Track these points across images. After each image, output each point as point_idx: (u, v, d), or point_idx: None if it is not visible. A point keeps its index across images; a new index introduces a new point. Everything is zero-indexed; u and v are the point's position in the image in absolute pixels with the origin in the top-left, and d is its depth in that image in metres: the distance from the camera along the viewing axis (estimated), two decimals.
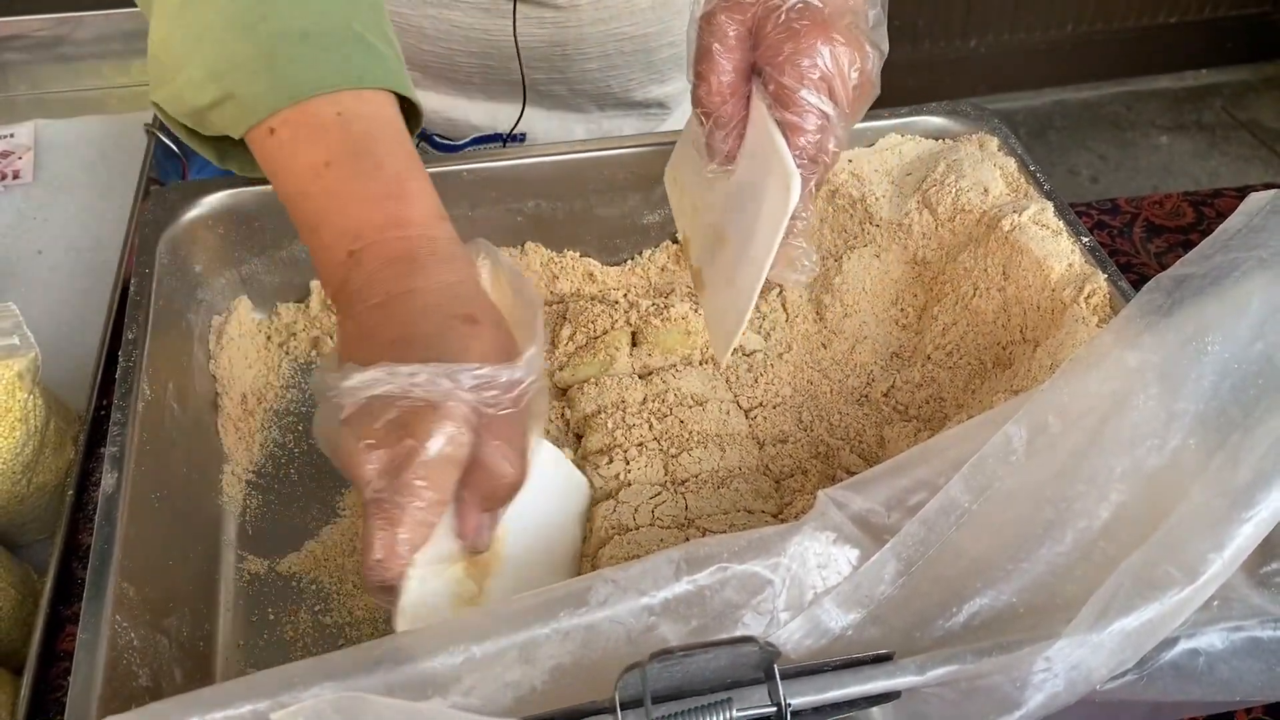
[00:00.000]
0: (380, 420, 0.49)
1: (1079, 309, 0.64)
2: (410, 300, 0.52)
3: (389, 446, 0.49)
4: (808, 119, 0.56)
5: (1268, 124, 2.67)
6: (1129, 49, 2.72)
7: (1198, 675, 0.49)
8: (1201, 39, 2.75)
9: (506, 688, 0.45)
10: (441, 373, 0.49)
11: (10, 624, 0.61)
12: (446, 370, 0.49)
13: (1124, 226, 0.88)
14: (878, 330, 0.74)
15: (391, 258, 0.53)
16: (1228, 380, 0.54)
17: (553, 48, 0.82)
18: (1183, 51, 2.76)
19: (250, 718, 0.41)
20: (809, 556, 0.51)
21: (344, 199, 0.54)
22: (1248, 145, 2.62)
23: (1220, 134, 2.65)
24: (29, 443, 0.62)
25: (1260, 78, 2.79)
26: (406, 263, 0.53)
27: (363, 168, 0.55)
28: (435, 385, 0.49)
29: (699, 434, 0.67)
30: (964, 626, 0.50)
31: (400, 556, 0.49)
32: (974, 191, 0.72)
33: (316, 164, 0.54)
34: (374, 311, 0.52)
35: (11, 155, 0.99)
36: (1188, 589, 0.47)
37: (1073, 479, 0.52)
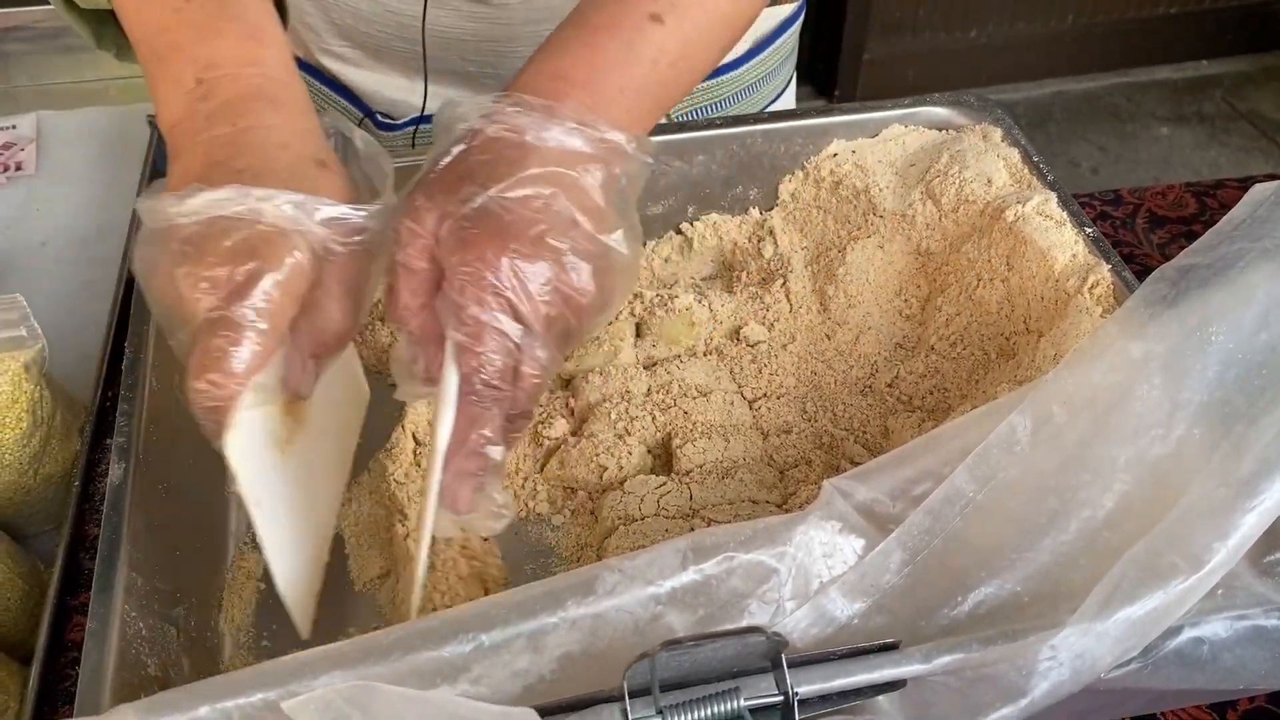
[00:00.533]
0: (226, 241, 0.47)
1: (1083, 299, 0.64)
2: (264, 134, 0.51)
3: (234, 266, 0.47)
4: (482, 339, 0.49)
5: (1268, 114, 2.67)
6: (1129, 40, 2.72)
7: (1202, 664, 0.49)
8: (1202, 30, 2.75)
9: (515, 676, 0.46)
10: (296, 201, 0.48)
11: (18, 614, 0.61)
12: (301, 200, 0.48)
13: (1127, 217, 0.88)
14: (882, 321, 0.74)
15: (246, 93, 0.52)
16: (1232, 370, 0.54)
17: (485, 42, 0.81)
18: (1183, 42, 2.76)
19: (261, 706, 0.42)
20: (815, 546, 0.52)
21: (202, 31, 0.53)
22: (1248, 136, 2.62)
23: (1220, 125, 2.65)
24: (35, 434, 0.62)
25: (1260, 68, 2.79)
26: (262, 100, 0.52)
27: (225, 10, 0.53)
28: (287, 212, 0.48)
29: (703, 425, 0.67)
30: (969, 615, 0.51)
31: (238, 376, 0.47)
32: (978, 182, 0.72)
33: (177, 1, 0.53)
34: (222, 141, 0.51)
35: (14, 147, 0.99)
36: (1192, 578, 0.47)
37: (1077, 469, 0.53)
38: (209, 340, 0.47)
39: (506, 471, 0.67)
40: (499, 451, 0.52)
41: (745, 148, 0.77)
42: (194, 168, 0.50)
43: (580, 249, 0.51)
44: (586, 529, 0.65)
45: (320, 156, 0.52)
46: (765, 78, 0.92)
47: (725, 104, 0.90)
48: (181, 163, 0.51)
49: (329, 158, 0.53)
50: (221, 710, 0.41)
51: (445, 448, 0.51)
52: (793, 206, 0.79)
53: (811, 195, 0.78)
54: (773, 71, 0.93)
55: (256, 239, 0.48)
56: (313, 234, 0.49)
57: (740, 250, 0.79)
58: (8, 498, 0.63)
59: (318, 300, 0.50)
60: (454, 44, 0.81)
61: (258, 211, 0.48)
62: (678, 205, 0.79)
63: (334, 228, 0.50)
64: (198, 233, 0.48)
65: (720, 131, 0.77)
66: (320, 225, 0.49)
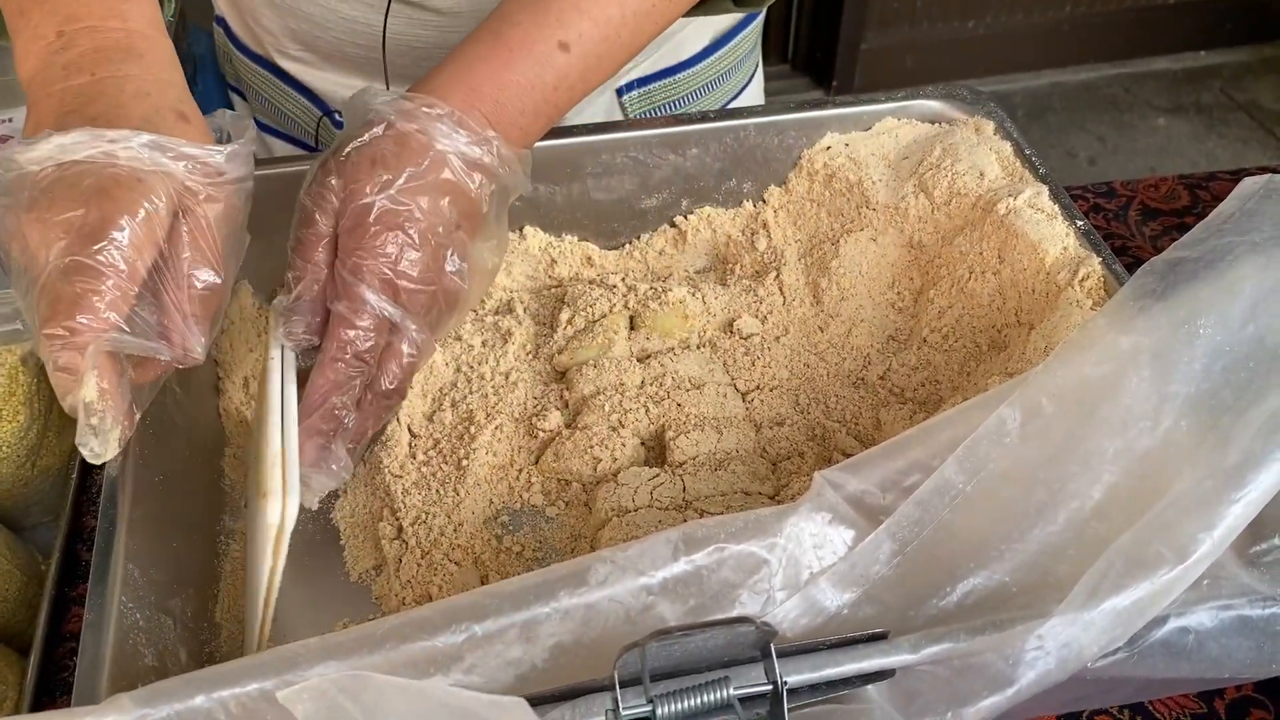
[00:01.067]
0: (78, 186, 0.46)
1: (1073, 292, 0.65)
2: (123, 84, 0.51)
3: (86, 210, 0.46)
4: (361, 314, 0.55)
5: (1266, 105, 2.67)
6: (1127, 30, 2.72)
7: (1188, 653, 0.50)
8: (1200, 20, 2.74)
9: (508, 665, 0.46)
10: (151, 142, 0.48)
11: (16, 605, 0.62)
12: (156, 140, 0.48)
13: (1119, 210, 0.88)
14: (874, 313, 0.74)
15: (107, 45, 0.51)
16: (1219, 363, 0.54)
17: (439, 49, 0.81)
18: (1181, 33, 2.76)
19: (256, 696, 0.42)
20: (805, 537, 0.52)
21: None
22: (1246, 127, 2.62)
23: (1218, 115, 2.65)
24: (33, 426, 0.63)
25: (1259, 59, 2.79)
26: (123, 51, 0.51)
27: None
28: (143, 154, 0.48)
29: (696, 417, 0.67)
30: (958, 606, 0.51)
31: (96, 328, 0.46)
32: (970, 175, 0.72)
33: None
34: (79, 89, 0.50)
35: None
36: (1178, 568, 0.47)
37: (1065, 460, 0.53)
38: (62, 286, 0.45)
39: (501, 463, 0.67)
40: (352, 419, 0.57)
41: (739, 141, 0.77)
42: (47, 117, 0.50)
43: (460, 250, 0.57)
44: (580, 520, 0.65)
45: (181, 109, 0.52)
46: (726, 74, 0.92)
47: (682, 102, 0.90)
48: (35, 113, 0.51)
49: (191, 111, 0.52)
50: (218, 699, 0.42)
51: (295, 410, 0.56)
52: (786, 199, 0.79)
53: (805, 188, 0.78)
54: (733, 68, 0.93)
55: (109, 181, 0.47)
56: (170, 176, 0.48)
57: (734, 243, 0.80)
58: (6, 490, 0.64)
59: (180, 248, 0.50)
60: (409, 50, 0.81)
61: (111, 154, 0.47)
62: (671, 198, 0.80)
63: (193, 170, 0.49)
64: (48, 178, 0.47)
65: (714, 125, 0.77)
66: (178, 166, 0.49)
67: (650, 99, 0.89)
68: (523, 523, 0.65)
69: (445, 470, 0.66)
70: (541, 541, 0.64)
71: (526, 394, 0.71)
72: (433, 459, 0.67)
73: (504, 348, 0.73)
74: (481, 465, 0.66)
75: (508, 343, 0.73)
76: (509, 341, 0.73)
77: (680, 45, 0.88)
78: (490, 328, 0.74)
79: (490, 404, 0.69)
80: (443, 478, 0.65)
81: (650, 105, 0.89)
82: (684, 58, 0.89)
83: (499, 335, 0.74)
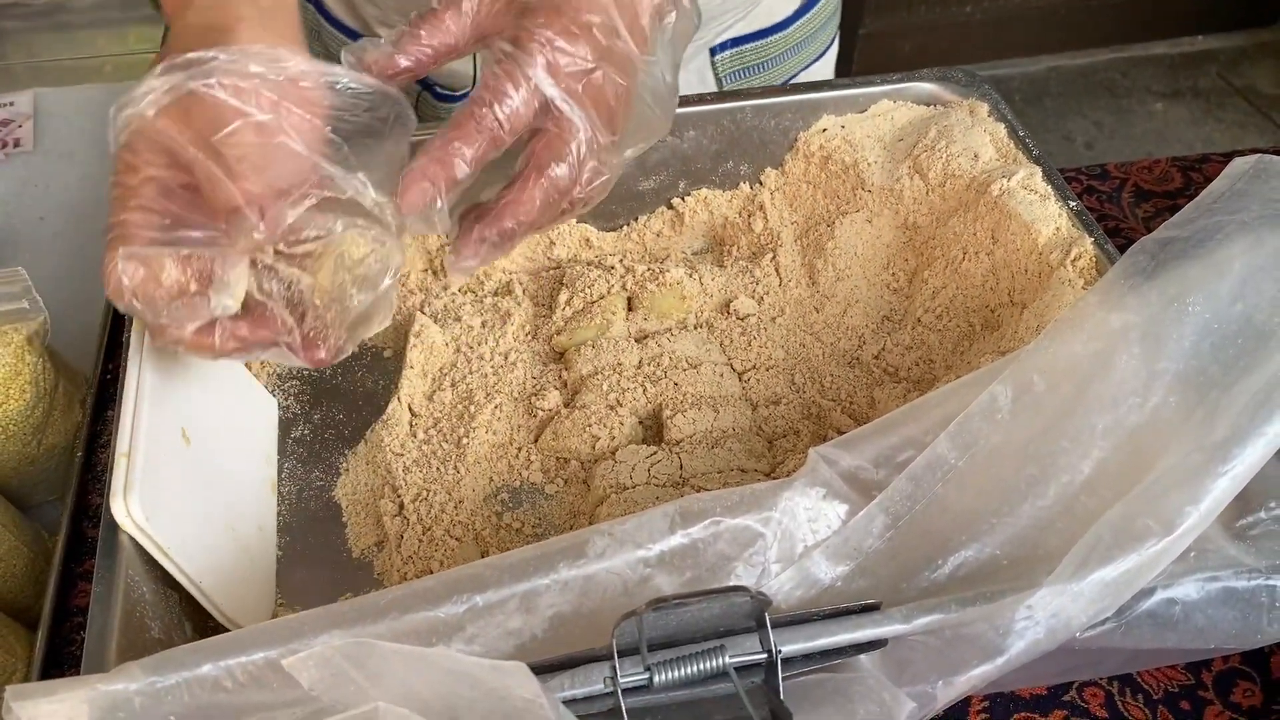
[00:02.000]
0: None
1: (1065, 272, 0.66)
2: (245, 24, 0.54)
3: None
4: (513, 77, 0.54)
5: (1263, 90, 2.67)
6: (1125, 15, 2.72)
7: (1174, 623, 0.51)
8: (1197, 5, 2.74)
9: (508, 635, 0.47)
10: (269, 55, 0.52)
11: (23, 581, 0.63)
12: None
13: (1113, 191, 0.89)
14: (869, 294, 0.75)
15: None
16: (1208, 340, 0.55)
17: None
18: (1179, 18, 2.76)
19: (263, 664, 0.43)
20: (799, 511, 0.53)
21: None
22: (1243, 111, 2.63)
23: (1215, 100, 2.66)
24: (39, 405, 0.64)
25: (1255, 43, 2.79)
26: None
27: None
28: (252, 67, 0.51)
29: (693, 396, 0.68)
30: (949, 578, 0.52)
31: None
32: (964, 157, 0.73)
33: None
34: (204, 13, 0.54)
35: (12, 124, 1.00)
36: (1164, 540, 0.48)
37: (1056, 436, 0.54)
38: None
39: (500, 442, 0.68)
40: (466, 173, 0.54)
41: (736, 123, 0.78)
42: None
43: (619, 51, 0.55)
44: (579, 497, 0.66)
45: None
46: (810, 37, 0.94)
47: (769, 64, 0.92)
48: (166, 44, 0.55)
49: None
50: (224, 668, 0.43)
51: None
52: (782, 181, 0.80)
53: (801, 170, 0.79)
54: (817, 30, 0.95)
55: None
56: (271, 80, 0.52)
57: (731, 225, 0.80)
58: (12, 468, 0.65)
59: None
60: None
61: (243, 67, 0.51)
62: (669, 180, 0.80)
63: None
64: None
65: (711, 107, 0.78)
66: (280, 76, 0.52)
67: (742, 59, 0.91)
68: (522, 500, 0.66)
69: (445, 448, 0.67)
70: (541, 518, 0.65)
71: (526, 374, 0.72)
72: (433, 438, 0.68)
73: (503, 328, 0.74)
74: (481, 444, 0.67)
75: (507, 323, 0.74)
76: (508, 322, 0.74)
77: (773, 8, 0.90)
78: (490, 309, 0.75)
79: (490, 384, 0.70)
80: (443, 456, 0.66)
81: (741, 65, 0.91)
82: (776, 20, 0.91)
83: (498, 316, 0.74)
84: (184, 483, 0.57)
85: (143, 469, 0.53)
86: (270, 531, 0.64)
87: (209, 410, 0.62)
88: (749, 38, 0.90)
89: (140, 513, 0.52)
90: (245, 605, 0.58)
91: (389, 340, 0.75)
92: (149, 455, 0.54)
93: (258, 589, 0.60)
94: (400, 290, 0.76)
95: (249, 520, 0.62)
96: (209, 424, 0.62)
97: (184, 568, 0.54)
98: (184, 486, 0.57)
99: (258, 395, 0.69)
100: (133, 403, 0.56)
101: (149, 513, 0.52)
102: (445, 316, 0.75)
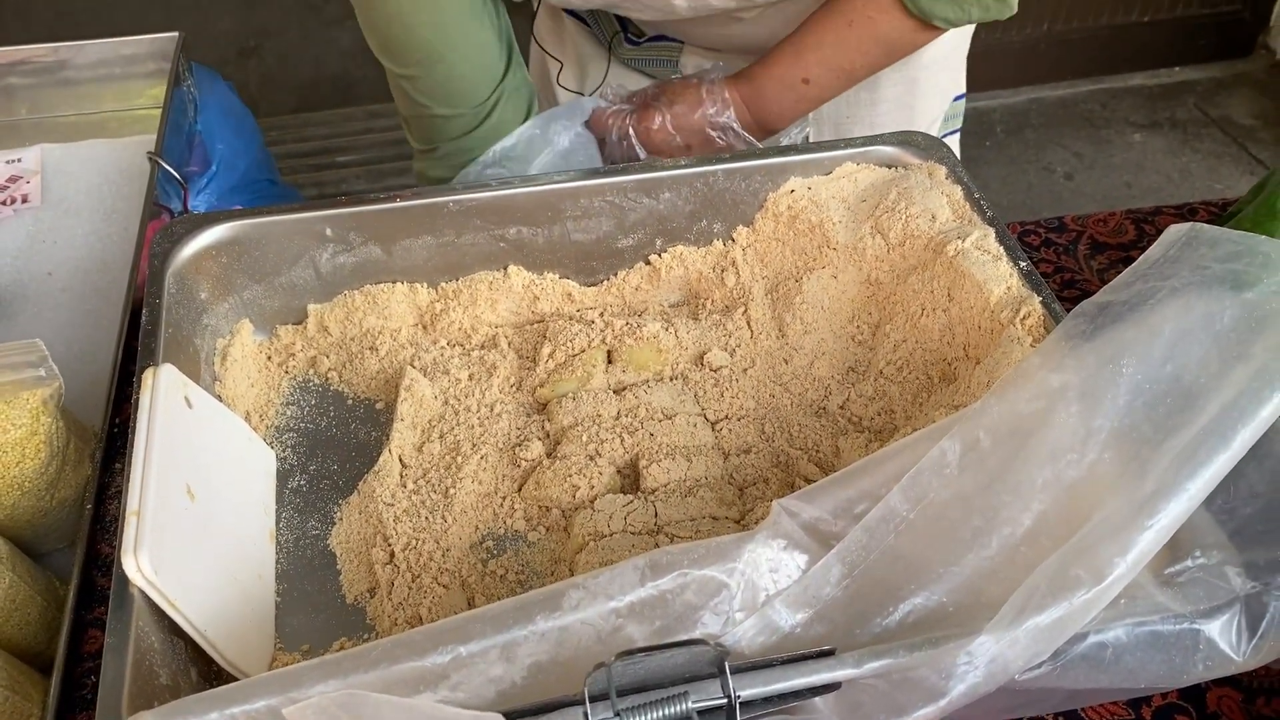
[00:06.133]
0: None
1: (1015, 330, 0.70)
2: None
3: None
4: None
5: (1238, 120, 2.73)
6: (1103, 47, 2.78)
7: (1106, 665, 0.55)
8: (1174, 38, 2.81)
9: (490, 683, 0.51)
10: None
11: (37, 627, 0.66)
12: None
13: (1069, 244, 0.93)
14: (835, 346, 0.79)
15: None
16: (1140, 399, 0.59)
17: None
18: (1156, 50, 2.82)
19: (265, 712, 0.47)
20: (762, 562, 0.57)
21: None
22: (1219, 141, 2.68)
23: (1192, 130, 2.71)
24: (52, 462, 0.68)
25: (1231, 74, 2.85)
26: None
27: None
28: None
29: (668, 446, 0.73)
30: (899, 624, 0.56)
31: None
32: (922, 218, 0.78)
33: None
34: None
35: (20, 180, 1.04)
36: (1094, 590, 0.52)
37: (1000, 490, 0.58)
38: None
39: (486, 491, 0.72)
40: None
41: (709, 185, 0.83)
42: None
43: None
44: (560, 544, 0.70)
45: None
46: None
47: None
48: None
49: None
50: (229, 715, 0.47)
51: None
52: (753, 239, 0.84)
53: (770, 229, 0.83)
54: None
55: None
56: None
57: (705, 280, 0.85)
58: (27, 521, 0.69)
59: None
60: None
61: None
62: (646, 238, 0.85)
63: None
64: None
65: (686, 170, 0.82)
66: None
67: None
68: (506, 547, 0.70)
69: (434, 499, 0.71)
70: (524, 565, 0.69)
71: (510, 425, 0.76)
72: (422, 488, 0.72)
73: (489, 381, 0.78)
74: (468, 493, 0.71)
75: (492, 376, 0.78)
76: (494, 375, 0.78)
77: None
78: (476, 362, 0.79)
79: (476, 435, 0.74)
80: (431, 505, 0.70)
81: None
82: None
83: (484, 369, 0.79)
84: (189, 537, 0.61)
85: (151, 526, 0.57)
86: (269, 579, 0.68)
87: (212, 466, 0.66)
88: None
89: (149, 568, 0.56)
90: (246, 650, 0.62)
91: (381, 393, 0.80)
92: (156, 513, 0.58)
93: (258, 635, 0.64)
94: (391, 345, 0.80)
95: (249, 569, 0.66)
96: (212, 479, 0.66)
97: (190, 618, 0.58)
98: (189, 540, 0.61)
99: (257, 448, 0.74)
100: (141, 463, 0.60)
101: (157, 567, 0.56)
102: (434, 370, 0.79)
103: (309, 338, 0.81)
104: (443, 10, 0.85)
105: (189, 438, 0.65)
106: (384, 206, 0.79)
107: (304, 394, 0.80)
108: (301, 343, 0.81)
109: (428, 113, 0.91)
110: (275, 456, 0.75)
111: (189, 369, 0.73)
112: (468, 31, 0.87)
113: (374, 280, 0.82)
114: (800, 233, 0.82)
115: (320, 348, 0.81)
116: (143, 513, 0.58)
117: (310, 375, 0.81)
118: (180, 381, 0.66)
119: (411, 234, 0.80)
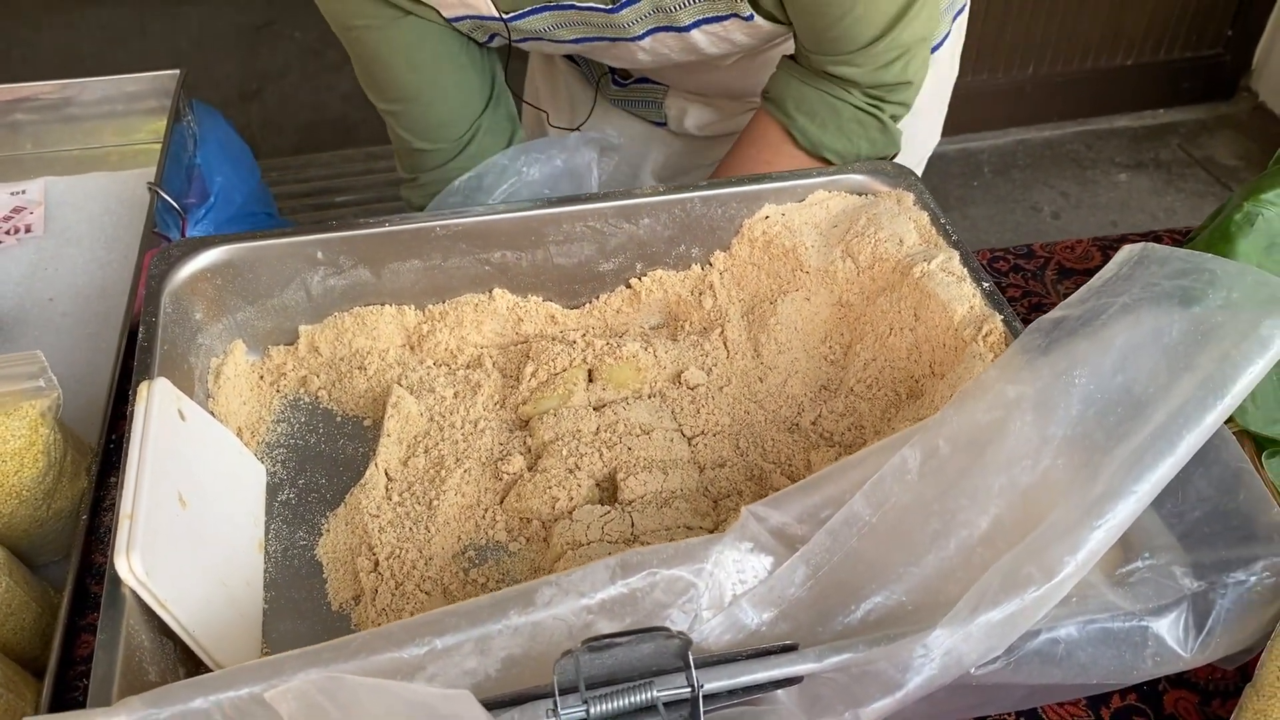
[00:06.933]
0: None
1: (977, 346, 0.73)
2: None
3: None
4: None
5: (1222, 161, 2.78)
6: (1089, 90, 2.83)
7: (1058, 660, 0.57)
8: (1159, 80, 2.86)
9: (465, 675, 0.53)
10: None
11: (32, 634, 0.69)
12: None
13: (1038, 269, 0.97)
14: (808, 365, 0.82)
15: None
16: (1092, 408, 0.62)
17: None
18: (1141, 92, 2.88)
19: (248, 698, 0.49)
20: (729, 563, 0.60)
21: None
22: (1203, 181, 2.73)
23: (1176, 171, 2.76)
24: (49, 473, 0.70)
25: (1214, 116, 2.91)
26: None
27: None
28: None
29: (645, 460, 0.75)
30: (861, 622, 0.58)
31: None
32: (890, 242, 0.81)
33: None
34: None
35: (24, 210, 1.07)
36: (1045, 587, 0.55)
37: (958, 495, 0.61)
38: None
39: (468, 503, 0.75)
40: None
41: (687, 212, 0.86)
42: None
43: None
44: (539, 554, 0.72)
45: None
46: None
47: None
48: None
49: None
50: (214, 701, 0.49)
51: None
52: (730, 263, 0.87)
53: (746, 253, 0.86)
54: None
55: None
56: None
57: (683, 302, 0.88)
58: (23, 530, 0.71)
59: None
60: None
61: None
62: (627, 262, 0.88)
63: None
64: None
65: (665, 198, 0.85)
66: None
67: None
68: (487, 557, 0.72)
69: (418, 510, 0.73)
70: (504, 574, 0.71)
71: (493, 440, 0.79)
72: (406, 500, 0.74)
73: (473, 398, 0.81)
74: (451, 505, 0.74)
75: (477, 394, 0.81)
76: (478, 393, 0.81)
77: None
78: (461, 380, 0.82)
79: (459, 449, 0.77)
80: (415, 517, 0.73)
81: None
82: None
83: (469, 387, 0.81)
84: (180, 542, 0.63)
85: (144, 529, 0.60)
86: (257, 586, 0.70)
87: (203, 476, 0.69)
88: None
89: (141, 568, 0.58)
90: (234, 653, 0.64)
91: (369, 411, 0.82)
92: (149, 517, 0.61)
93: (245, 638, 0.66)
94: (379, 365, 0.83)
95: (239, 576, 0.68)
96: (203, 489, 0.68)
97: (179, 618, 0.60)
98: (180, 545, 0.63)
99: (248, 462, 0.76)
100: (135, 469, 0.63)
101: (149, 568, 0.59)
102: (420, 388, 0.82)
103: (300, 358, 0.84)
104: (420, 51, 0.89)
105: (182, 448, 0.68)
106: (373, 231, 0.82)
107: (294, 411, 0.82)
108: (293, 362, 0.84)
109: (409, 145, 0.95)
110: (265, 470, 0.77)
111: (183, 386, 0.75)
112: (443, 71, 0.91)
113: (363, 302, 0.85)
114: (774, 257, 0.85)
115: (311, 367, 0.84)
116: (136, 516, 0.60)
117: (301, 394, 0.83)
118: (174, 395, 0.69)
119: (400, 258, 0.84)
